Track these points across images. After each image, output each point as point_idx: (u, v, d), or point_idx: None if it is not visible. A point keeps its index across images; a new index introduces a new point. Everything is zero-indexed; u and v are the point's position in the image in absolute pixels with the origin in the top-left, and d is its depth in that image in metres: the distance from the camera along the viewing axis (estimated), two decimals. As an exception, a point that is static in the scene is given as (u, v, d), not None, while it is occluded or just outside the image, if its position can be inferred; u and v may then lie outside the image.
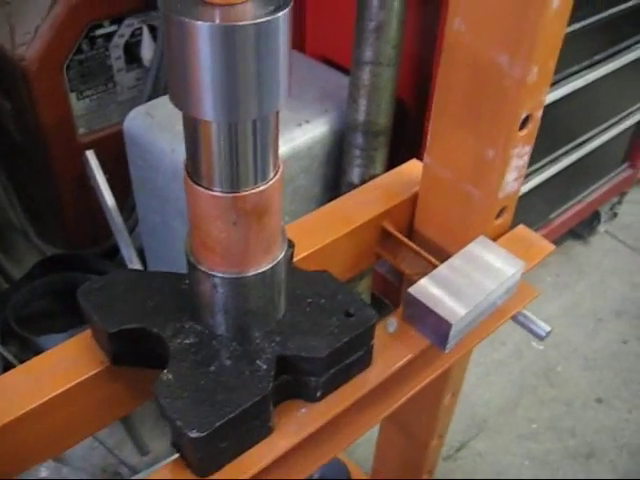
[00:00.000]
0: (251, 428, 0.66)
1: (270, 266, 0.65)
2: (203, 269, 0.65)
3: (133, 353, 0.72)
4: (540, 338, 0.93)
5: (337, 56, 1.59)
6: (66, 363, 0.75)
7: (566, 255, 2.39)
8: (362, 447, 1.68)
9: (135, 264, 1.85)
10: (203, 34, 0.49)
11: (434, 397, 1.20)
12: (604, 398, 1.97)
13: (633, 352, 2.09)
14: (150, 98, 1.84)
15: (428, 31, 1.43)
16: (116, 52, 1.83)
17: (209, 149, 0.56)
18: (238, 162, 0.57)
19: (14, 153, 2.01)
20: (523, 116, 0.81)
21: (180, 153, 1.42)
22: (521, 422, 1.91)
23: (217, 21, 0.49)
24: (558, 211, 2.11)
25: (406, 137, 1.56)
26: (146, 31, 1.84)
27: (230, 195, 0.58)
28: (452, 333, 0.77)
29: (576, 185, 2.14)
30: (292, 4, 0.51)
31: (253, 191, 0.58)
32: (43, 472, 1.23)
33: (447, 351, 0.79)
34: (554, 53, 0.78)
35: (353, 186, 1.49)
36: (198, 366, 0.66)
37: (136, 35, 1.84)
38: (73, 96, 1.82)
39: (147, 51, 1.85)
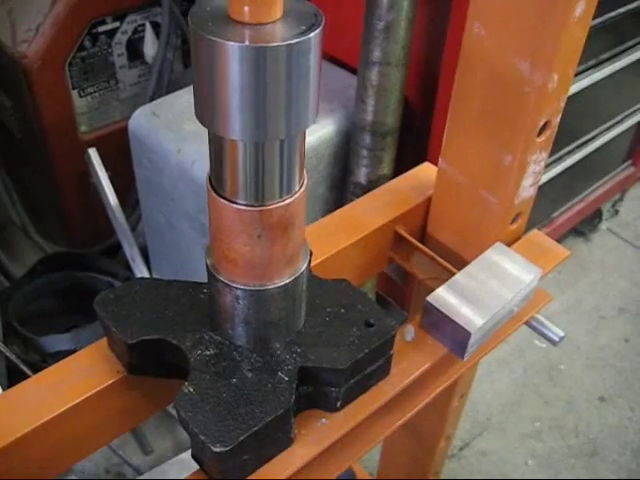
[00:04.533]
0: (273, 440, 0.66)
1: (292, 278, 0.64)
2: (224, 280, 0.64)
3: (151, 363, 0.72)
4: (553, 343, 0.93)
5: (343, 55, 1.58)
6: (81, 373, 0.74)
7: (567, 253, 2.39)
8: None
9: (138, 263, 1.84)
10: (233, 55, 0.47)
11: (444, 399, 1.19)
12: (607, 397, 1.97)
13: (635, 350, 2.10)
14: (153, 95, 1.83)
15: (436, 32, 1.42)
16: (118, 49, 1.82)
17: (235, 166, 0.55)
18: (264, 178, 0.56)
19: (15, 151, 1.99)
20: (542, 123, 0.80)
21: (186, 153, 1.41)
22: (524, 421, 1.91)
23: (247, 41, 0.47)
24: (561, 210, 2.10)
25: (412, 138, 1.55)
26: (149, 28, 1.83)
27: (256, 209, 0.57)
28: (471, 342, 0.76)
29: (579, 183, 2.14)
30: (324, 23, 0.50)
31: (279, 204, 0.57)
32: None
33: (465, 360, 0.79)
34: (575, 60, 0.77)
35: (360, 186, 1.48)
36: (219, 378, 0.65)
37: (139, 32, 1.83)
38: (75, 93, 1.80)
39: (150, 48, 1.84)
